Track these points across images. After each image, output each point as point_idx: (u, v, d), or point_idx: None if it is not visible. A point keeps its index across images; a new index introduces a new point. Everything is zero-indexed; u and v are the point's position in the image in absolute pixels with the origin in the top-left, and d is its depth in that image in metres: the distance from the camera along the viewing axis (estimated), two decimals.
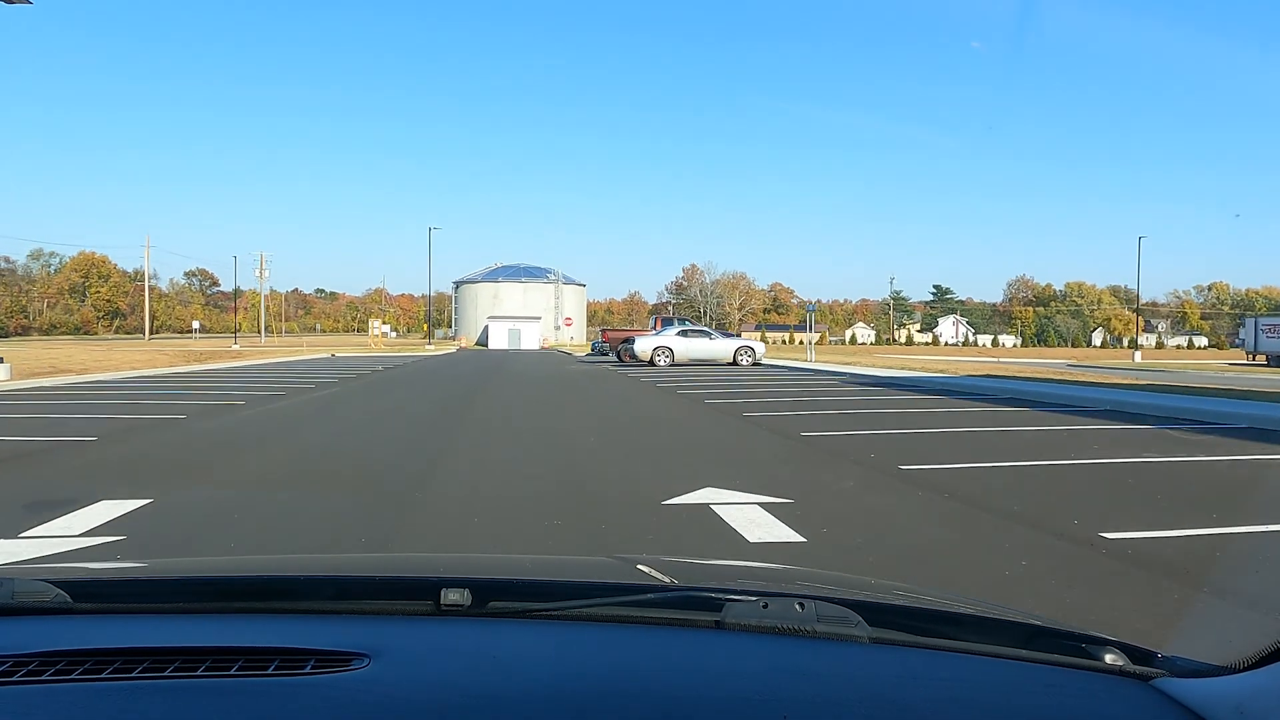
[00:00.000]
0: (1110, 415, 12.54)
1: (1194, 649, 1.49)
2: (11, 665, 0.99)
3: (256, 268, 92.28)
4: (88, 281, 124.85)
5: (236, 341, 62.35)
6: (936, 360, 39.07)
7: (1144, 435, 10.28)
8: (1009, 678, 1.07)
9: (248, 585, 1.36)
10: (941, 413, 13.12)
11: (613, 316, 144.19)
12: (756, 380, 22.16)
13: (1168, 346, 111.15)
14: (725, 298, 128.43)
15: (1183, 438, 10.00)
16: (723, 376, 23.71)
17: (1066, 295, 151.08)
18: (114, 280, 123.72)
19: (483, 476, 7.48)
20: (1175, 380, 22.65)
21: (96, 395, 15.96)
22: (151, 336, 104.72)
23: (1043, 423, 11.66)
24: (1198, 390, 17.20)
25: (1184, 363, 47.95)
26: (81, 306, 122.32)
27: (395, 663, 1.02)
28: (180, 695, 0.95)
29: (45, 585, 1.22)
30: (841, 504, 6.27)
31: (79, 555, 4.58)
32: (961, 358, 49.10)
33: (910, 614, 1.27)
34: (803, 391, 18.00)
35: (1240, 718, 0.92)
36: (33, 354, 34.02)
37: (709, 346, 31.42)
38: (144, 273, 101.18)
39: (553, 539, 5.06)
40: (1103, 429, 10.94)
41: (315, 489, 6.85)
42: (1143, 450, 8.84)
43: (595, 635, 1.16)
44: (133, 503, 5.85)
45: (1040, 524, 5.50)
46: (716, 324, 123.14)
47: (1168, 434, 10.35)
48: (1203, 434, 10.44)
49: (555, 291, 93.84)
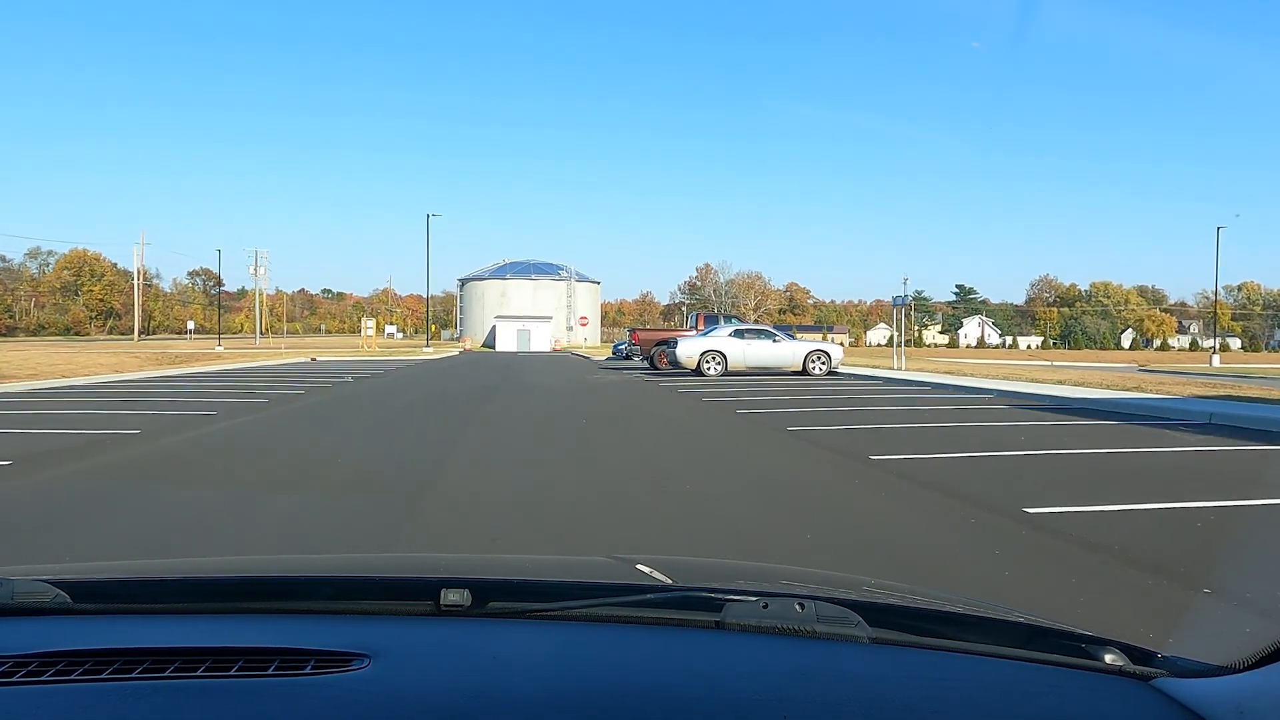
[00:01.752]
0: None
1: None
2: (11, 665, 0.99)
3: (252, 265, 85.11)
4: (80, 280, 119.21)
5: (220, 343, 58.65)
6: (1009, 366, 33.83)
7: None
8: (1009, 678, 1.06)
9: (248, 585, 1.35)
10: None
11: (624, 317, 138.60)
12: (855, 397, 17.05)
13: (1202, 348, 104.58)
14: (741, 298, 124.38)
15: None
16: (800, 391, 18.42)
17: (1092, 295, 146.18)
18: (108, 279, 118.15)
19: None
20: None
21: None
22: (148, 337, 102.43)
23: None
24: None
25: (1266, 366, 42.28)
26: (74, 306, 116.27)
27: (395, 663, 1.01)
28: (180, 695, 0.95)
29: (45, 585, 1.21)
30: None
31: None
32: (1029, 362, 42.52)
33: (910, 614, 1.26)
34: (967, 422, 12.44)
35: (1240, 718, 0.92)
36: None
37: (772, 352, 25.20)
38: (139, 271, 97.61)
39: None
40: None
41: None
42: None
43: (595, 635, 1.15)
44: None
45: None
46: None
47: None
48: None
49: (567, 289, 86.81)
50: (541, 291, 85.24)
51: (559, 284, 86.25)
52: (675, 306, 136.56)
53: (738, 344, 24.78)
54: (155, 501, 6.61)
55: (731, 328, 26.46)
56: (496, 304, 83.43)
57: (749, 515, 6.05)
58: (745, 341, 24.97)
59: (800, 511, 6.19)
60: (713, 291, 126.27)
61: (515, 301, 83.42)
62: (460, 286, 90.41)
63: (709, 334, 25.99)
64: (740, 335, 25.53)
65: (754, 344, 24.98)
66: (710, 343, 24.89)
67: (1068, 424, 12.12)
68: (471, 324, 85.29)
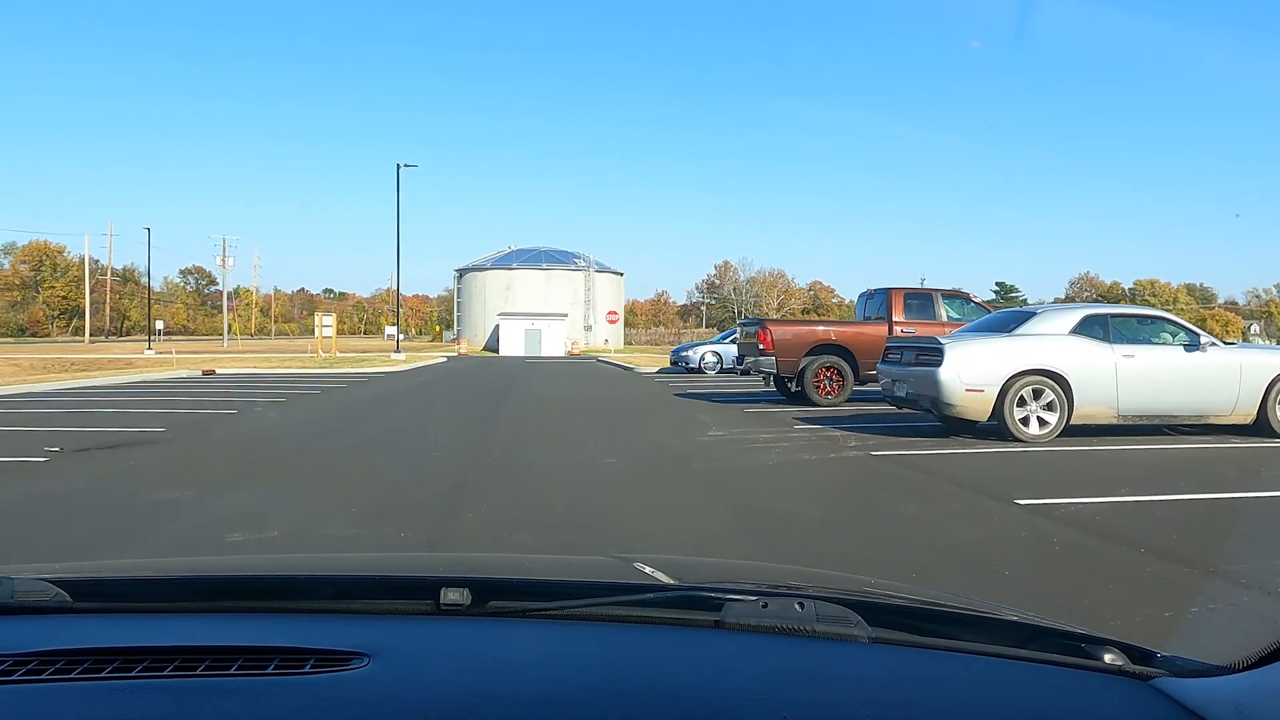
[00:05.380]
0: None
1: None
2: (11, 665, 0.98)
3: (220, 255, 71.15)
4: (39, 275, 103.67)
5: (151, 346, 49.60)
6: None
7: None
8: (1009, 677, 1.05)
9: (248, 585, 1.36)
10: None
11: (637, 318, 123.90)
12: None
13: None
14: (763, 297, 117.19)
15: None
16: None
17: (1137, 294, 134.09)
18: (73, 274, 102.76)
19: None
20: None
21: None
22: (119, 338, 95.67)
23: None
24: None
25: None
26: (31, 304, 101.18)
27: (395, 662, 1.00)
28: (180, 694, 0.94)
29: (45, 584, 1.22)
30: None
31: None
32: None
33: (910, 614, 1.26)
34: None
35: (1240, 718, 0.91)
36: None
37: (1188, 375, 10.32)
38: (87, 262, 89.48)
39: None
40: None
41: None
42: None
43: (595, 635, 1.14)
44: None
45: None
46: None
47: None
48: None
49: (586, 281, 70.75)
50: (555, 283, 69.51)
51: (575, 274, 70.38)
52: (693, 307, 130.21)
53: (1104, 354, 9.10)
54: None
55: (1077, 312, 10.47)
56: (500, 299, 67.57)
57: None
58: (1128, 352, 9.22)
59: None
60: (732, 290, 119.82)
61: (523, 295, 67.50)
62: (458, 279, 74.05)
63: (1015, 329, 10.28)
64: (1105, 330, 9.53)
65: (1148, 357, 9.55)
66: (1035, 352, 9.34)
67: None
68: (471, 322, 69.28)
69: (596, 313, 69.83)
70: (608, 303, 71.45)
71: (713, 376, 27.32)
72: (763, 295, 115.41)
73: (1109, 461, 9.09)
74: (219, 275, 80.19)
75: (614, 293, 75.48)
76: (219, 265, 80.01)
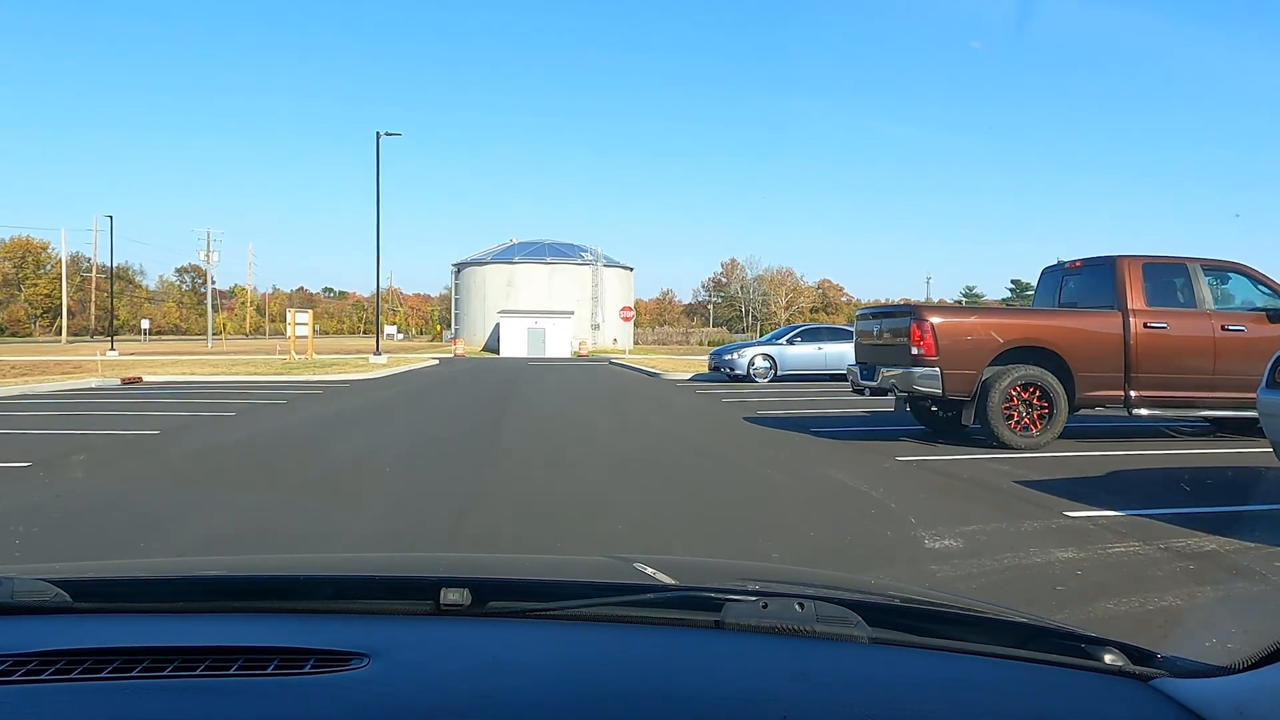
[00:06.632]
0: None
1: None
2: (11, 665, 0.97)
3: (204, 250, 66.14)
4: (21, 272, 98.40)
5: (114, 347, 45.44)
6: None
7: None
8: (1008, 678, 1.05)
9: (247, 585, 1.35)
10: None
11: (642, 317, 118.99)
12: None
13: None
14: (771, 295, 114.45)
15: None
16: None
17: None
18: (56, 271, 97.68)
19: None
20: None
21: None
22: (105, 337, 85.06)
23: None
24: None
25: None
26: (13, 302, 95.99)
27: (395, 663, 1.00)
28: (180, 694, 0.94)
29: (45, 585, 1.21)
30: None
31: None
32: None
33: (909, 614, 1.24)
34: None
35: (1240, 718, 0.90)
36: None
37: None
38: (65, 260, 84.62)
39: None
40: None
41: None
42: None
43: (595, 635, 1.14)
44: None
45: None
46: (760, 325, 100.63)
47: None
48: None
49: (594, 276, 65.30)
50: (560, 278, 63.92)
51: (582, 269, 64.85)
52: (700, 305, 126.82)
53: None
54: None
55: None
56: (501, 295, 61.99)
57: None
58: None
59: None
60: (739, 288, 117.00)
61: (525, 292, 61.92)
62: (456, 274, 68.27)
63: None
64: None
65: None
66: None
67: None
68: (470, 321, 63.70)
69: (605, 310, 65.05)
70: (617, 300, 66.63)
71: (765, 386, 21.73)
72: (770, 293, 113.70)
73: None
74: (208, 271, 74.92)
75: (623, 289, 70.69)
76: (202, 259, 75.21)
